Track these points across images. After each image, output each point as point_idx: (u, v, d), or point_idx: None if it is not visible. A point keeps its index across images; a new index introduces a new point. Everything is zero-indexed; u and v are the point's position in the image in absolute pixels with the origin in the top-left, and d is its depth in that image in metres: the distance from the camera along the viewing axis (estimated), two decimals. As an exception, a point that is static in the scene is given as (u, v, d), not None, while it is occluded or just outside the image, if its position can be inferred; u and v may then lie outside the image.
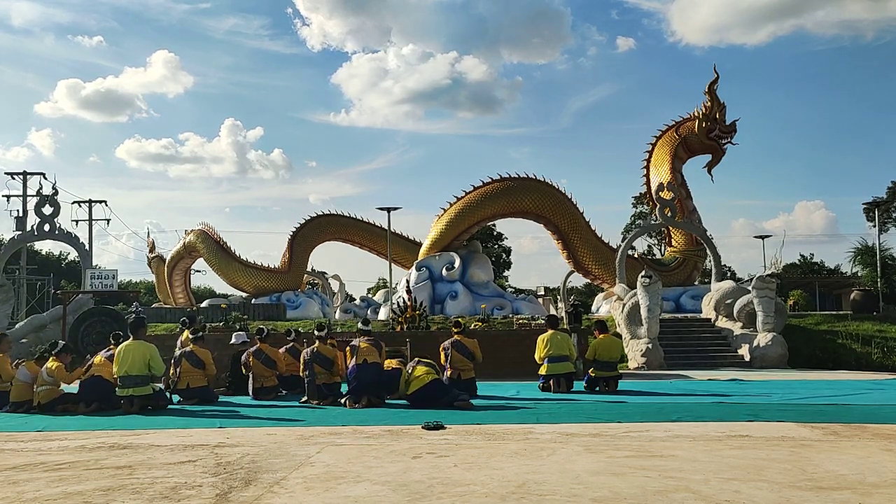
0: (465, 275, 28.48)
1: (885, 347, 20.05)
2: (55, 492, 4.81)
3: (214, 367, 11.42)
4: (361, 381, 10.05)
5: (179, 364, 11.15)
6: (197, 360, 11.13)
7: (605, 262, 28.07)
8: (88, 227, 44.28)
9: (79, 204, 44.14)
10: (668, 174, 27.85)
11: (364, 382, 10.05)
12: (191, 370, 11.05)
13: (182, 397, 10.95)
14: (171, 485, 4.96)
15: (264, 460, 5.84)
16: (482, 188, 29.20)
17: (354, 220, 33.20)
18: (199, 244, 32.66)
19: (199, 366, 11.10)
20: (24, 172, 41.05)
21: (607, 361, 12.07)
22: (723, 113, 27.53)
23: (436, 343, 13.98)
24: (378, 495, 4.59)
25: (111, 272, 27.44)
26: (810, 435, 7.00)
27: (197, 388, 10.98)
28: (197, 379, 11.01)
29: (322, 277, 37.90)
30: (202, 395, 10.97)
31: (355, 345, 10.53)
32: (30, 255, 47.05)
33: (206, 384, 11.13)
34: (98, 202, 45.04)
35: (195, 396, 10.91)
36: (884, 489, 4.70)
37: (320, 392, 10.60)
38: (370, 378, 10.08)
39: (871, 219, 49.51)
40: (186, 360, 11.13)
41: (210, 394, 11.14)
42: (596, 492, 4.63)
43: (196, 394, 10.93)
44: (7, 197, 41.63)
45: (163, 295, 37.39)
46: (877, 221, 34.88)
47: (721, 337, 20.93)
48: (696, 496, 4.51)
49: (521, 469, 5.38)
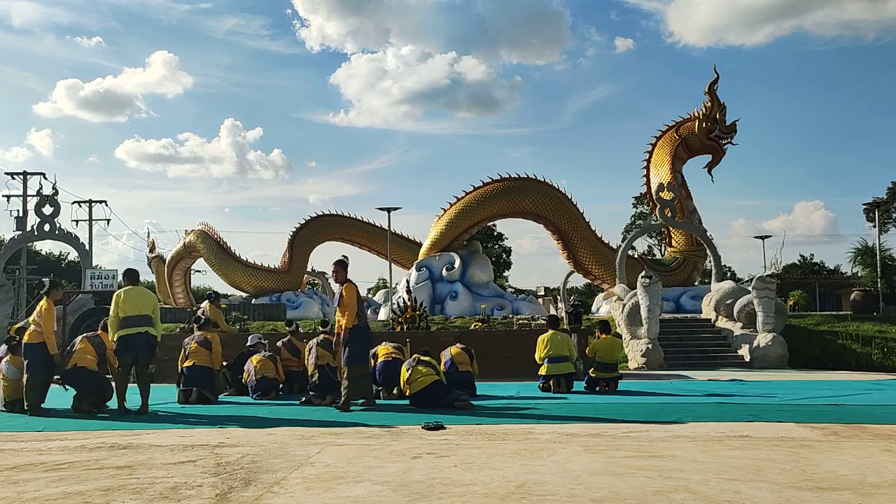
0: (465, 275, 28.47)
1: (885, 348, 20.06)
2: (55, 492, 4.81)
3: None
4: (324, 381, 10.78)
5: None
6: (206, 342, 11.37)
7: (605, 262, 28.06)
8: (88, 227, 44.30)
9: (79, 204, 44.15)
10: (668, 174, 27.85)
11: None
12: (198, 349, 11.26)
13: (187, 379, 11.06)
14: (171, 485, 4.96)
15: (264, 460, 5.84)
16: (482, 188, 29.19)
17: (354, 220, 33.18)
18: (199, 244, 32.65)
19: (206, 346, 11.31)
20: (25, 172, 41.05)
21: (608, 362, 12.07)
22: (723, 113, 27.52)
23: (436, 343, 14.00)
24: (378, 495, 4.59)
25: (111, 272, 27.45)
26: (810, 435, 7.00)
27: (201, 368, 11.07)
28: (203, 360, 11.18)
29: (322, 277, 37.88)
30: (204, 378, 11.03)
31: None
32: (30, 255, 47.06)
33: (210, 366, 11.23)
34: (98, 202, 45.08)
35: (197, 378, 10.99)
36: (884, 489, 4.69)
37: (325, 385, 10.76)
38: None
39: (871, 219, 49.48)
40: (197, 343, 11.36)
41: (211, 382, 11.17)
42: (596, 492, 4.63)
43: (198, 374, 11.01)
44: (7, 197, 41.67)
45: (163, 295, 37.38)
46: (877, 222, 34.86)
47: (721, 337, 20.93)
48: (696, 496, 4.51)
49: (521, 469, 5.38)
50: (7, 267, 30.99)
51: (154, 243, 39.85)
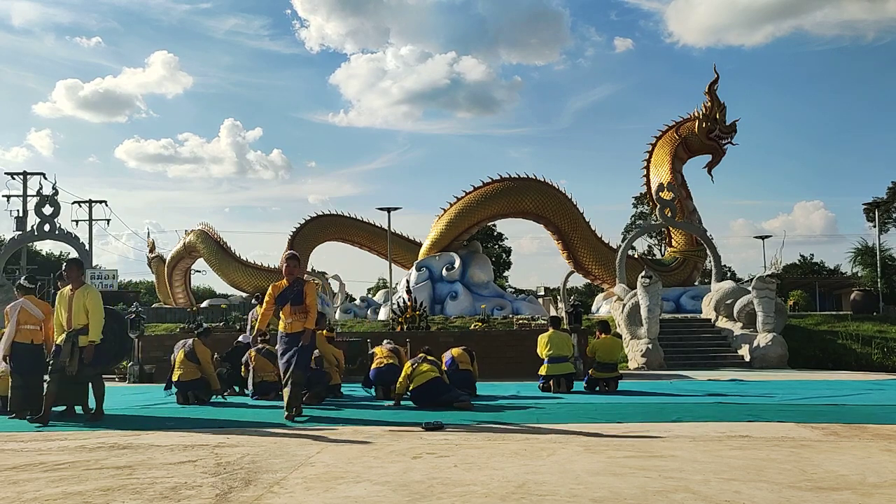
0: (465, 275, 28.48)
1: (885, 348, 20.07)
2: (55, 492, 4.81)
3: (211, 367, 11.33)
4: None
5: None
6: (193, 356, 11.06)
7: (605, 262, 28.07)
8: (88, 227, 44.32)
9: (79, 204, 44.19)
10: (668, 174, 27.86)
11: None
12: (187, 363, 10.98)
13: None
14: (171, 485, 4.96)
15: (264, 460, 5.84)
16: (482, 188, 29.20)
17: (354, 220, 33.19)
18: (199, 244, 32.67)
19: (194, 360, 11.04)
20: (25, 172, 41.07)
21: (607, 362, 12.08)
22: (723, 113, 27.54)
23: (436, 343, 14.01)
24: (378, 495, 4.59)
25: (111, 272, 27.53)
26: (810, 435, 7.00)
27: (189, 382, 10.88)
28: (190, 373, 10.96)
29: (322, 277, 37.88)
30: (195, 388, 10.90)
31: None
32: (30, 255, 47.04)
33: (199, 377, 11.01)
34: (98, 202, 45.11)
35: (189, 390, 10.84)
36: (884, 489, 4.69)
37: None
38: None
39: (871, 219, 49.51)
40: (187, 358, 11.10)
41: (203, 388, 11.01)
42: (596, 492, 4.63)
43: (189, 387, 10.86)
44: (7, 197, 41.70)
45: (163, 295, 37.41)
46: (877, 222, 34.87)
47: (721, 337, 20.93)
48: (696, 496, 4.51)
49: (521, 469, 5.38)
50: (7, 267, 30.97)
51: (154, 243, 39.91)
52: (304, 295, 8.75)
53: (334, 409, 10.10)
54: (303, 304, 8.72)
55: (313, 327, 8.79)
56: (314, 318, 8.78)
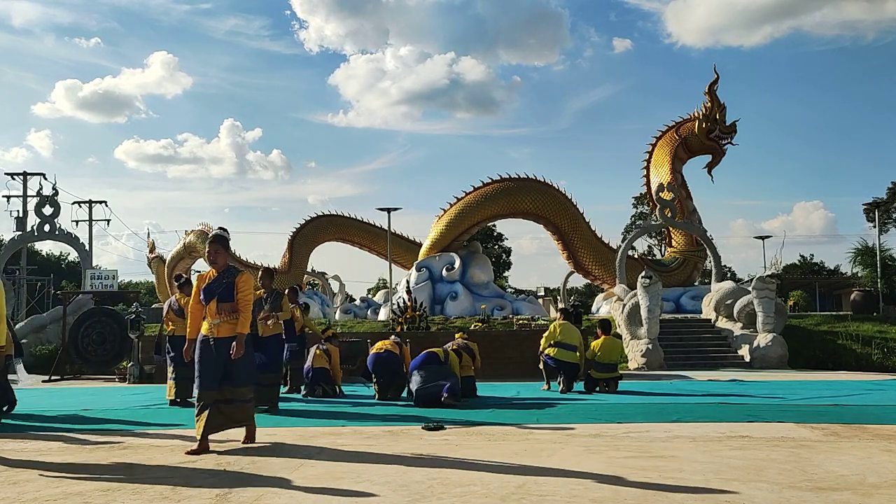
0: (465, 275, 28.47)
1: (885, 348, 20.05)
2: (55, 492, 4.81)
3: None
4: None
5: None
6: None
7: (605, 262, 28.06)
8: (88, 227, 44.28)
9: (79, 204, 44.14)
10: (668, 175, 27.85)
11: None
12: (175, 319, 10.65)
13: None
14: (170, 485, 4.96)
15: (264, 460, 5.84)
16: (482, 189, 29.19)
17: (354, 220, 33.17)
18: (200, 244, 32.63)
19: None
20: (24, 173, 41.03)
21: (607, 363, 12.07)
22: (723, 113, 27.53)
23: (436, 343, 13.99)
24: (378, 495, 4.59)
25: (111, 272, 27.44)
26: (810, 435, 7.00)
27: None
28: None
29: (322, 277, 37.90)
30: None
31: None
32: (30, 256, 47.05)
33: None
34: (98, 202, 45.06)
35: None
36: (884, 490, 4.69)
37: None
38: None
39: (871, 219, 49.48)
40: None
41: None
42: (596, 492, 4.63)
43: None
44: (7, 197, 41.63)
45: (163, 295, 37.35)
46: (877, 222, 34.88)
47: (721, 337, 20.92)
48: (696, 497, 4.51)
49: (521, 469, 5.38)
50: (7, 267, 30.97)
51: (154, 244, 39.86)
52: (234, 289, 6.65)
53: (334, 408, 10.10)
54: (233, 301, 6.65)
55: (247, 333, 6.66)
56: (247, 322, 6.67)
